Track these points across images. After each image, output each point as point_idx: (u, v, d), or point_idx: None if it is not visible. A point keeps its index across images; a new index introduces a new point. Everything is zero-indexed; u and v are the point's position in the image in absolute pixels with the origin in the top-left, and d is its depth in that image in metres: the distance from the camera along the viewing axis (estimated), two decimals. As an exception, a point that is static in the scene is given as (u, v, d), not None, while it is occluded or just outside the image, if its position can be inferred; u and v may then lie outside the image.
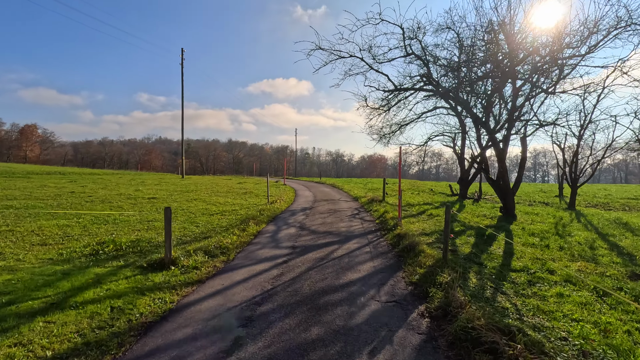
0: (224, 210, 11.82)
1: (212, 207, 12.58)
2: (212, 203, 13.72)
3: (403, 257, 6.07)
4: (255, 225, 8.74)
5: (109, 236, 7.53)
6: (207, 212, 11.32)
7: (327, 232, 8.11)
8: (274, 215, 10.76)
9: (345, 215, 10.77)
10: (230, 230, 8.11)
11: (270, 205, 12.45)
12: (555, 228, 9.39)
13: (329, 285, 4.69)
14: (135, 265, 5.37)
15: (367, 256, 6.13)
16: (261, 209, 11.57)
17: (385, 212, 10.22)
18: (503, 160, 10.56)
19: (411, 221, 9.58)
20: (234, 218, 10.12)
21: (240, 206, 12.84)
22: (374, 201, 13.25)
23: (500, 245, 7.40)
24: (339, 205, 13.25)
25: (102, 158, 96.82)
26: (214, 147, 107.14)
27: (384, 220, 9.38)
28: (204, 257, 5.85)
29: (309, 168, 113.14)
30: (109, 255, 6.11)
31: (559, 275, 5.45)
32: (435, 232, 8.22)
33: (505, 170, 10.57)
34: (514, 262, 6.09)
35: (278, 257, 6.07)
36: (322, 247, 6.70)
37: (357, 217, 10.31)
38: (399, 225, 8.25)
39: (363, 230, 8.35)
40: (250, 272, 5.22)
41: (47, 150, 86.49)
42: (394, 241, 7.09)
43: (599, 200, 18.75)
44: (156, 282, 4.73)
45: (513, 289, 4.83)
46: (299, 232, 8.19)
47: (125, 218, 9.69)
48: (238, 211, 11.53)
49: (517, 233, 8.63)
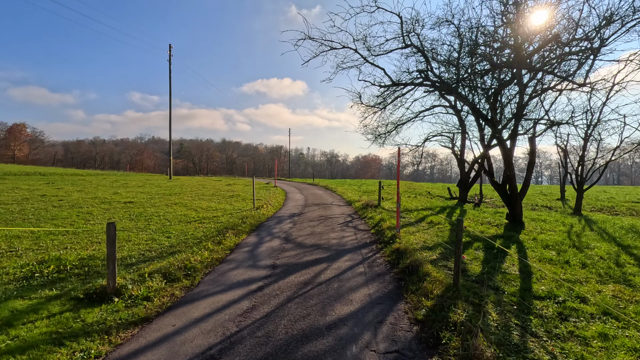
0: (204, 217, 10.72)
1: (192, 213, 11.47)
2: (193, 208, 12.60)
3: (404, 280, 5.04)
4: (234, 237, 7.66)
5: (58, 251, 6.40)
6: (185, 219, 10.22)
7: (316, 246, 7.06)
8: (258, 223, 9.68)
9: (337, 223, 9.73)
10: (204, 243, 7.02)
11: (255, 212, 11.37)
12: (569, 238, 8.45)
13: (311, 325, 3.65)
14: (70, 296, 4.27)
15: (361, 279, 5.09)
16: (245, 216, 10.48)
17: (381, 221, 9.20)
18: (510, 162, 9.61)
19: (410, 231, 8.57)
20: (212, 227, 9.04)
21: (224, 212, 11.74)
22: (369, 206, 12.23)
23: (513, 260, 6.43)
24: (330, 211, 12.21)
25: (92, 158, 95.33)
26: (207, 147, 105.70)
27: (380, 230, 8.35)
28: (162, 283, 4.77)
29: (303, 168, 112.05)
30: (47, 278, 4.99)
31: (593, 304, 4.47)
32: (438, 245, 7.21)
33: (513, 174, 9.62)
34: (536, 286, 5.10)
35: (253, 281, 5.01)
36: (307, 267, 5.65)
37: (350, 226, 9.28)
38: (397, 237, 7.22)
39: (356, 243, 7.31)
40: (214, 305, 4.15)
41: (36, 149, 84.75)
42: (392, 258, 6.06)
43: (603, 204, 17.95)
44: (87, 322, 3.64)
45: (543, 326, 3.83)
46: (283, 245, 7.13)
47: (89, 227, 8.55)
48: (219, 218, 10.43)
49: (529, 245, 7.66)
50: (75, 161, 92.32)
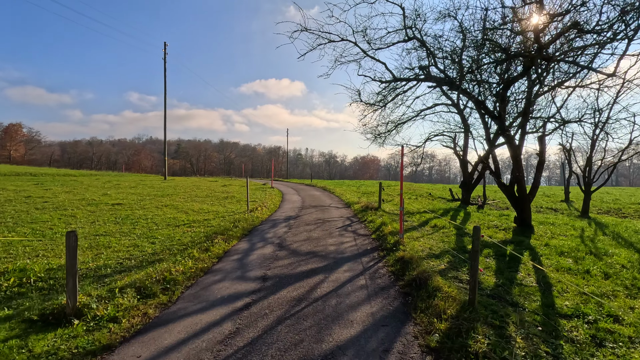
0: (195, 220, 10.11)
1: (182, 215, 10.85)
2: (184, 210, 11.98)
3: (411, 296, 4.44)
4: (224, 243, 7.05)
5: (27, 260, 5.78)
6: (174, 223, 9.60)
7: (312, 253, 6.45)
8: (251, 227, 9.07)
9: (335, 227, 9.13)
10: (189, 250, 6.41)
11: (249, 215, 10.75)
12: (583, 244, 7.89)
13: (304, 356, 3.05)
14: (22, 318, 3.65)
15: (362, 294, 4.50)
16: (237, 219, 9.88)
17: (382, 225, 8.61)
18: (520, 162, 9.04)
19: (414, 236, 7.98)
20: (201, 231, 8.43)
21: (215, 215, 11.12)
22: (369, 209, 11.64)
23: (529, 270, 5.85)
24: (328, 214, 11.61)
25: (89, 158, 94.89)
26: (204, 148, 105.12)
27: (381, 235, 7.76)
28: (134, 299, 4.15)
29: (301, 169, 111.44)
30: (4, 294, 4.37)
31: (628, 324, 3.89)
32: (445, 252, 6.62)
33: (522, 175, 9.05)
34: (559, 301, 4.52)
35: (239, 296, 4.40)
36: (302, 279, 5.05)
37: (349, 230, 8.68)
38: (400, 244, 6.63)
39: (356, 250, 6.71)
40: (191, 328, 3.54)
41: (33, 150, 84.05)
42: (396, 268, 5.46)
43: (609, 206, 17.43)
44: (35, 352, 3.03)
45: (578, 355, 3.25)
46: (276, 252, 6.53)
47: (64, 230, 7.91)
48: (210, 222, 9.82)
49: (542, 252, 7.09)
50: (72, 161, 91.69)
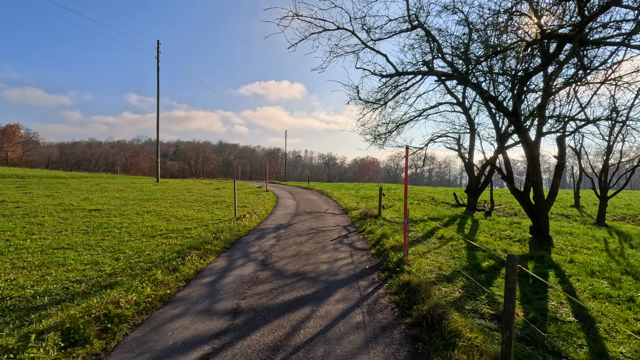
0: (174, 229, 9.08)
1: (162, 224, 9.83)
2: (166, 217, 10.96)
3: (422, 341, 3.41)
4: (198, 260, 6.03)
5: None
6: (150, 233, 8.58)
7: (299, 275, 5.42)
8: (234, 238, 8.05)
9: (329, 238, 8.11)
10: (153, 271, 5.38)
11: (235, 223, 9.73)
12: (613, 260, 6.87)
13: None
14: None
15: (358, 338, 3.47)
16: (221, 229, 8.86)
17: (383, 237, 7.58)
18: (537, 165, 8.03)
19: (419, 251, 6.95)
20: (177, 244, 7.41)
21: (199, 223, 10.10)
22: (368, 216, 10.61)
23: (560, 297, 4.83)
24: (323, 222, 10.58)
25: (87, 160, 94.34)
26: (203, 149, 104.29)
27: (382, 250, 6.73)
28: (54, 350, 3.13)
29: (300, 171, 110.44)
30: None
31: None
32: (458, 273, 5.59)
33: (540, 179, 8.05)
34: (611, 346, 3.51)
35: (197, 343, 3.38)
36: (283, 313, 4.02)
37: (344, 243, 7.65)
38: (405, 262, 5.61)
39: (353, 270, 5.68)
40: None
41: (30, 151, 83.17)
42: (401, 297, 4.43)
43: (623, 212, 16.41)
44: None
45: None
46: (258, 273, 5.50)
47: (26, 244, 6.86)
48: (191, 231, 8.80)
49: (570, 270, 6.07)
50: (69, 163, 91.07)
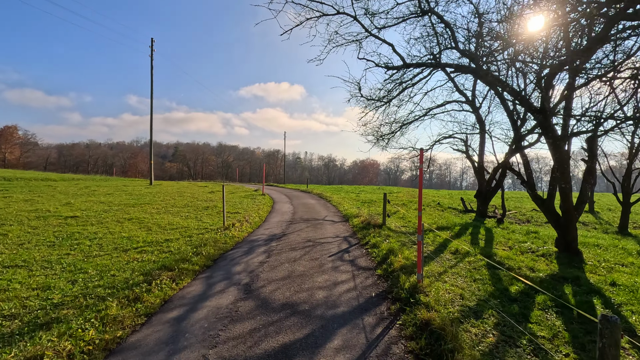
0: (153, 241, 8.04)
1: (141, 234, 8.79)
2: (148, 226, 9.92)
3: None
4: (169, 284, 4.99)
5: None
6: (123, 246, 7.54)
7: (290, 307, 4.38)
8: (219, 253, 7.00)
9: (328, 254, 7.06)
10: (109, 301, 4.33)
11: (222, 233, 8.69)
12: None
13: None
14: None
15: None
16: (205, 241, 7.82)
17: (390, 253, 6.53)
18: (567, 170, 6.99)
19: (434, 271, 5.89)
20: (151, 260, 6.37)
21: (183, 232, 9.06)
22: (371, 226, 9.57)
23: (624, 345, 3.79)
24: (322, 231, 9.53)
25: (85, 161, 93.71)
26: (202, 151, 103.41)
27: (390, 270, 5.68)
28: None
29: (300, 173, 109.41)
30: None
31: None
32: (486, 304, 4.53)
33: (570, 186, 7.01)
34: None
35: None
36: (263, 372, 2.98)
37: (345, 260, 6.60)
38: (420, 291, 4.56)
39: (355, 299, 4.64)
40: None
41: (28, 152, 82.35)
42: (421, 346, 3.37)
43: (641, 218, 15.40)
44: None
45: None
46: (239, 303, 4.45)
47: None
48: (171, 244, 7.75)
49: (616, 297, 5.02)
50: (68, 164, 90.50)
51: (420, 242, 4.83)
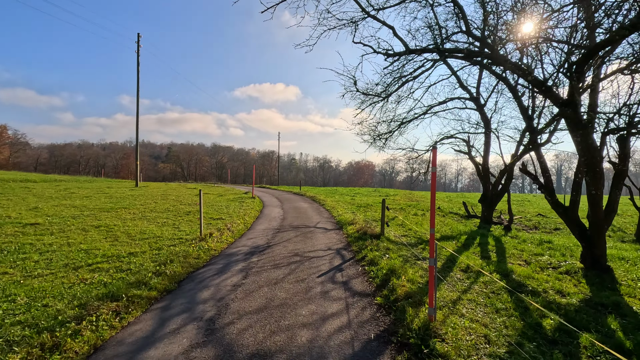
0: (113, 255, 6.88)
1: (103, 245, 7.62)
2: (115, 235, 8.75)
3: None
4: (111, 319, 3.86)
5: None
6: (76, 262, 6.38)
7: (262, 358, 3.27)
8: (187, 272, 5.87)
9: (317, 273, 5.95)
10: (12, 355, 3.20)
11: (197, 245, 7.55)
12: None
13: None
14: None
15: None
16: (175, 255, 6.69)
17: (391, 273, 5.44)
18: (599, 175, 5.97)
19: (446, 297, 4.80)
20: (101, 282, 5.23)
21: (153, 243, 7.91)
22: (368, 236, 8.48)
23: None
24: (312, 242, 8.43)
25: (76, 162, 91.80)
26: (196, 152, 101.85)
27: (392, 299, 4.58)
28: None
29: (295, 174, 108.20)
30: None
31: None
32: (519, 348, 3.45)
33: (601, 193, 6.00)
34: None
35: None
36: None
37: (338, 281, 5.49)
38: (434, 334, 3.48)
39: (349, 345, 3.53)
40: None
41: (18, 152, 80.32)
42: None
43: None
44: None
45: None
46: (191, 354, 3.33)
47: None
48: (133, 259, 6.59)
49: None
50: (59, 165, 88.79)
51: (433, 267, 3.75)
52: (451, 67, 11.50)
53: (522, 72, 5.76)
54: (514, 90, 8.11)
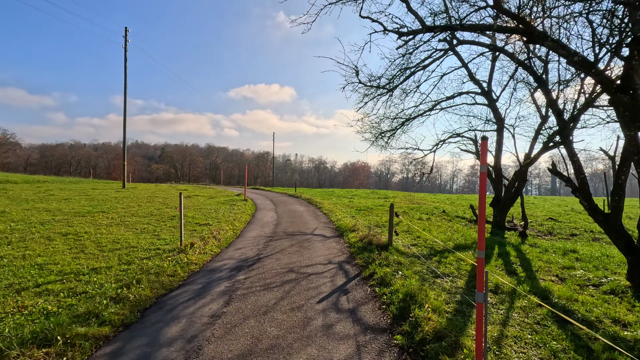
0: (73, 272, 5.74)
1: (63, 259, 6.47)
2: (83, 245, 7.59)
3: None
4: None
5: None
6: (23, 281, 5.24)
7: None
8: (157, 294, 4.75)
9: (317, 296, 4.87)
10: None
11: (174, 259, 6.43)
12: None
13: None
14: None
15: None
16: (146, 271, 5.57)
17: (409, 299, 4.35)
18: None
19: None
20: (44, 311, 4.10)
21: (124, 255, 6.76)
22: (374, 246, 7.40)
23: None
24: (309, 254, 7.35)
25: (67, 162, 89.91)
26: (190, 153, 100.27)
27: (418, 340, 3.51)
28: None
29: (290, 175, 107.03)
30: None
31: None
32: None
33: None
34: None
35: None
36: None
37: (343, 310, 4.41)
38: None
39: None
40: None
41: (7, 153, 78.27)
42: None
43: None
44: None
45: None
46: None
47: None
48: (95, 276, 5.46)
49: None
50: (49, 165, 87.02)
51: (483, 305, 2.69)
52: (461, 58, 10.52)
53: (566, 51, 4.75)
54: (539, 80, 7.11)
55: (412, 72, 9.15)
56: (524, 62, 7.21)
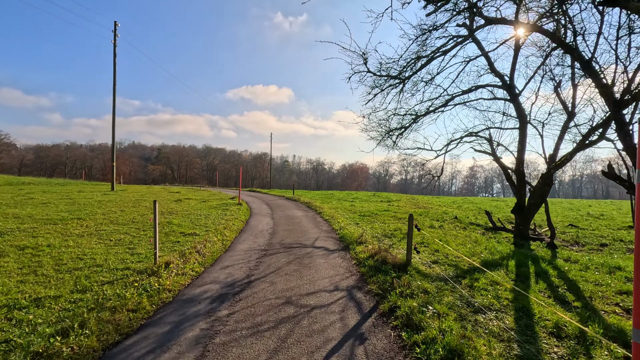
0: (5, 306, 4.45)
1: (5, 284, 5.18)
2: (38, 263, 6.30)
3: None
4: None
5: None
6: None
7: None
8: (108, 343, 3.49)
9: (323, 347, 3.61)
10: None
11: (144, 283, 5.16)
12: None
13: None
14: None
15: None
16: (102, 303, 4.30)
17: (453, 355, 3.11)
18: None
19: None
20: None
21: (82, 279, 5.48)
22: (389, 266, 6.12)
23: None
24: (310, 274, 6.09)
25: (62, 163, 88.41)
26: (187, 154, 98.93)
27: None
28: None
29: (287, 176, 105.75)
30: None
31: None
32: None
33: None
34: None
35: None
36: None
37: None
38: None
39: None
40: None
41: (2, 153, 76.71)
42: None
43: None
44: None
45: None
46: None
47: None
48: (31, 314, 4.17)
49: None
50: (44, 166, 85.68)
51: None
52: (481, 45, 9.30)
53: None
54: (587, 67, 5.90)
55: (429, 59, 7.95)
56: (569, 45, 6.00)
